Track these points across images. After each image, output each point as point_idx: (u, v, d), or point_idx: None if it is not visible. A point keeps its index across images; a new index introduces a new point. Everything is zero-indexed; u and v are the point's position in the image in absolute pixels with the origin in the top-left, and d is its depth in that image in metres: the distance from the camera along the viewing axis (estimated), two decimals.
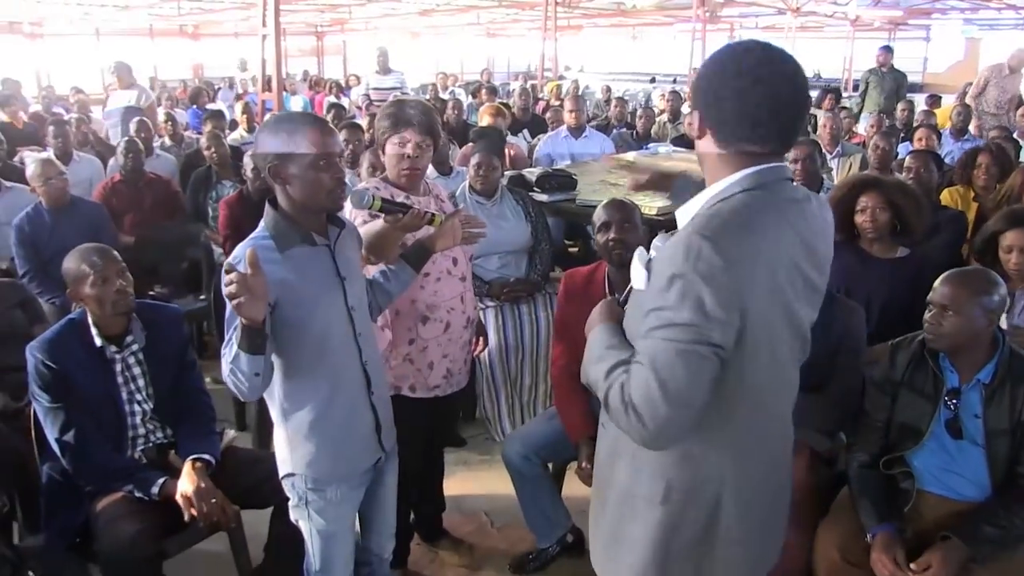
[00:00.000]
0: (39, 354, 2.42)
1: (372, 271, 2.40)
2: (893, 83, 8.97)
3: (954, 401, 2.37)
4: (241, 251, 1.83)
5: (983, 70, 8.63)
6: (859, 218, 3.29)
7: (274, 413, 2.12)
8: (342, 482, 2.15)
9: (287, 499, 2.21)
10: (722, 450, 1.52)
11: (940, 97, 8.55)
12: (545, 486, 2.98)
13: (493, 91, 10.17)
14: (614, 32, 22.65)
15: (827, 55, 20.38)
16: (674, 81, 15.45)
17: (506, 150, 6.03)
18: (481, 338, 3.13)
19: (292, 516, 2.21)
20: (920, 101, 9.51)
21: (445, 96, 10.38)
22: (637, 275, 1.54)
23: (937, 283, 2.38)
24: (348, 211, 2.49)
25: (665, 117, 8.21)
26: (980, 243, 3.29)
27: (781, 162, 1.53)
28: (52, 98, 10.65)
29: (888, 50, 9.43)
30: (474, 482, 3.63)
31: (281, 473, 2.17)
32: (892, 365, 2.48)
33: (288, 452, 2.12)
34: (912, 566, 2.20)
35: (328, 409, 2.07)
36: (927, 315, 2.36)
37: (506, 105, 7.39)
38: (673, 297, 1.38)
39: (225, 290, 1.70)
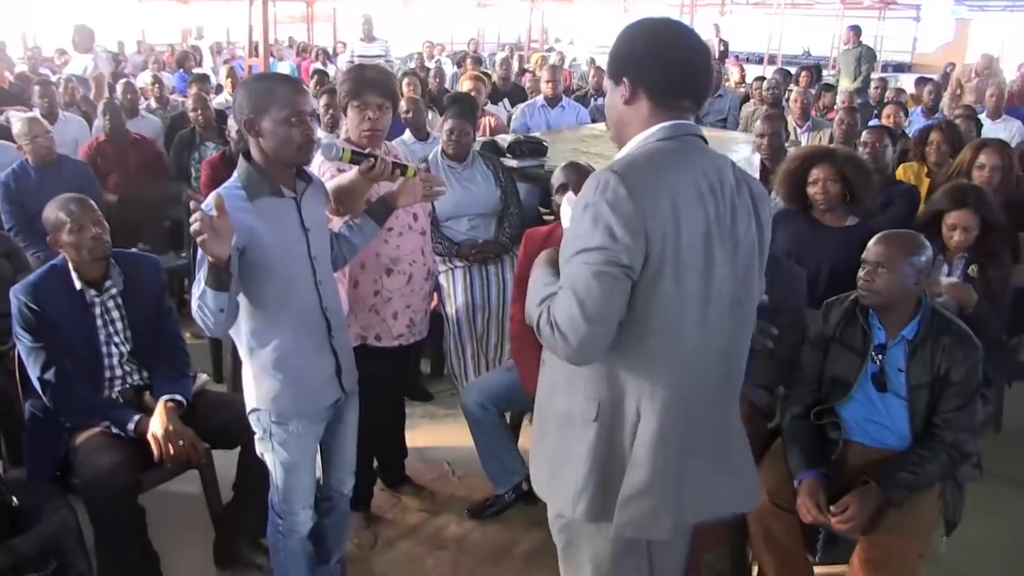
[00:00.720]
0: (22, 296, 2.56)
1: (338, 223, 2.54)
2: (855, 60, 9.16)
3: (880, 356, 2.54)
4: (212, 197, 1.98)
5: (954, 77, 8.89)
6: (811, 189, 3.42)
7: (242, 351, 2.27)
8: (303, 417, 2.30)
9: (253, 437, 2.36)
10: (638, 370, 1.68)
11: (929, 79, 8.68)
12: (501, 434, 3.14)
13: (478, 61, 10.24)
14: (605, 4, 22.61)
15: (818, 33, 20.44)
16: None
17: (486, 119, 6.18)
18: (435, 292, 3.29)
19: (257, 449, 2.36)
20: (906, 81, 9.68)
21: (431, 65, 10.44)
22: (565, 214, 1.73)
23: (871, 243, 2.54)
24: (316, 166, 2.64)
25: None
26: (924, 218, 3.45)
27: (692, 120, 1.73)
28: (38, 59, 10.69)
29: (853, 29, 9.61)
30: (438, 434, 3.80)
31: (248, 408, 2.32)
32: (825, 321, 2.65)
33: (254, 388, 2.27)
34: (832, 508, 2.38)
35: (290, 349, 2.22)
36: (861, 272, 2.51)
37: (487, 74, 7.48)
38: (586, 224, 1.58)
39: (191, 228, 1.85)
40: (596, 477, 1.74)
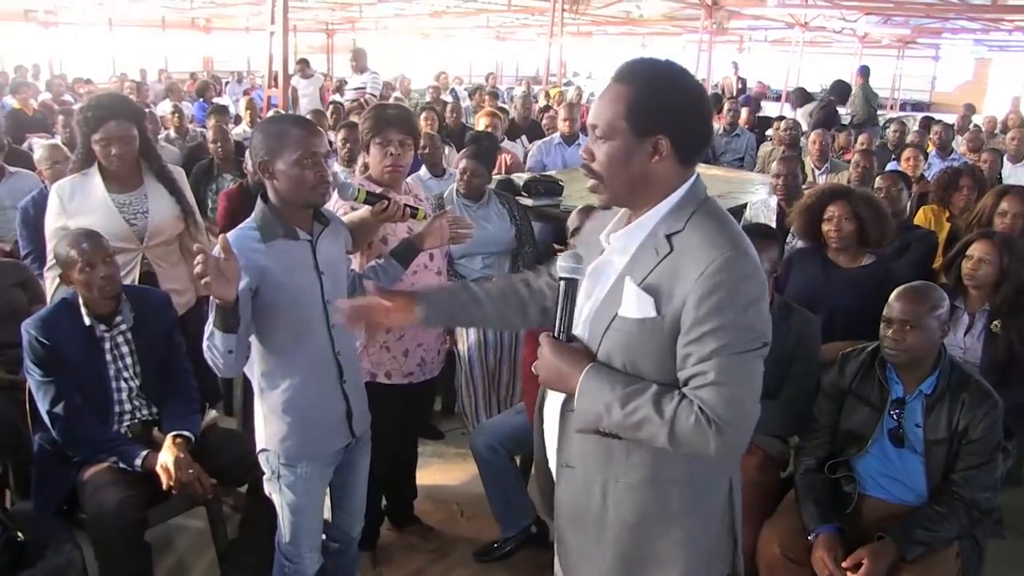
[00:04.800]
0: (33, 331, 2.56)
1: (357, 263, 2.55)
2: (862, 100, 9.28)
3: (898, 411, 2.50)
4: (220, 240, 1.98)
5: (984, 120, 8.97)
6: (826, 226, 3.41)
7: (255, 391, 2.27)
8: (312, 460, 2.28)
9: (262, 476, 2.34)
10: None
11: (933, 119, 8.74)
12: (510, 477, 3.11)
13: (494, 95, 10.31)
14: (624, 40, 22.77)
15: (836, 71, 20.48)
16: None
17: (503, 156, 6.20)
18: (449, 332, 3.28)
19: (265, 489, 2.34)
20: (916, 121, 9.74)
21: (446, 97, 10.53)
22: (634, 303, 1.55)
23: (893, 300, 2.50)
24: (334, 202, 2.65)
25: None
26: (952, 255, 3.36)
27: None
28: (63, 87, 10.82)
29: (861, 70, 9.72)
30: (448, 474, 3.77)
31: (258, 448, 2.30)
32: (841, 373, 2.62)
33: (264, 428, 2.26)
34: (844, 563, 2.33)
35: (300, 392, 2.20)
36: (888, 331, 2.47)
37: (503, 110, 7.52)
38: (750, 317, 1.48)
39: (195, 270, 1.84)
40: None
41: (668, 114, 1.53)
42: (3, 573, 2.36)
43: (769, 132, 8.68)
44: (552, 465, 1.79)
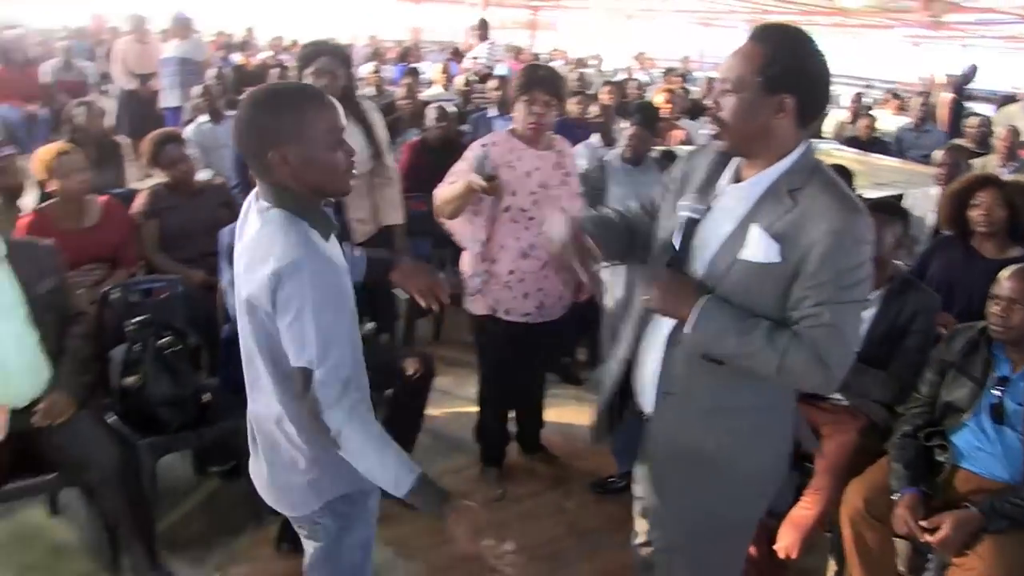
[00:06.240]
0: (229, 236, 3.03)
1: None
2: None
3: (1002, 388, 2.54)
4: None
5: None
6: (973, 212, 3.39)
7: (295, 445, 1.82)
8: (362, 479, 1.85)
9: (404, 384, 2.68)
10: None
11: None
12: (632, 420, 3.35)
13: (683, 77, 10.40)
14: (831, 33, 21.89)
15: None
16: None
17: (675, 132, 6.40)
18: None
19: (325, 551, 1.94)
20: None
21: (641, 77, 10.74)
22: (760, 248, 1.71)
23: (1004, 277, 2.54)
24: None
25: (846, 117, 8.23)
26: None
27: None
28: (279, 48, 11.94)
29: None
30: (581, 415, 3.99)
31: (315, 507, 1.88)
32: (948, 347, 2.68)
33: (320, 477, 1.83)
34: (923, 523, 2.42)
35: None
36: (995, 308, 2.52)
37: (686, 90, 7.66)
38: (863, 272, 1.70)
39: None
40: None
41: (798, 76, 1.69)
42: (190, 423, 2.90)
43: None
44: (648, 396, 1.98)
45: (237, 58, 9.77)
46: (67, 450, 2.67)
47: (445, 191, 3.11)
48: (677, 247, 1.84)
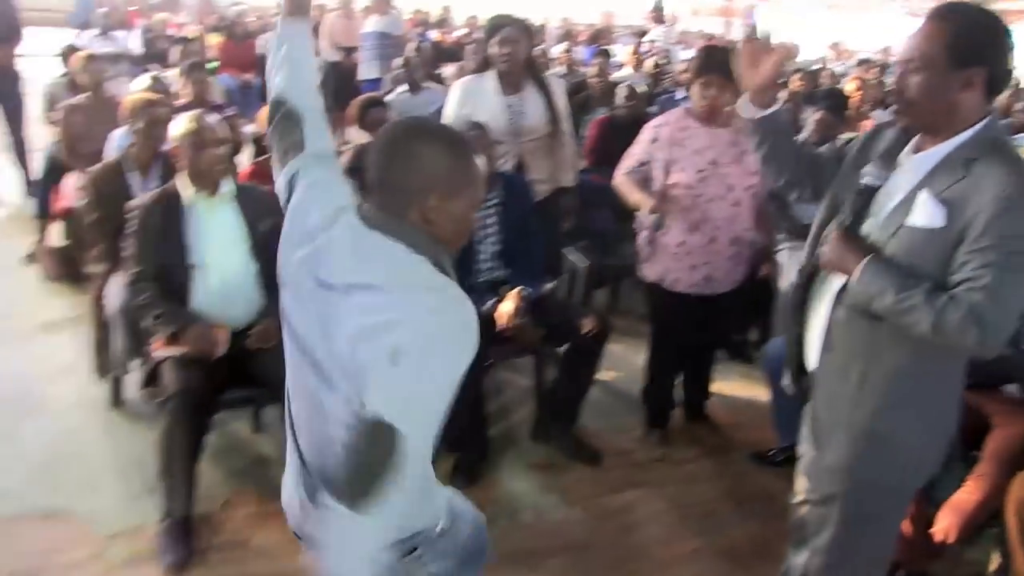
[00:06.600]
0: None
1: None
2: None
3: None
4: None
5: None
6: None
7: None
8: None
9: (579, 339, 2.91)
10: None
11: None
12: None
13: (882, 69, 10.03)
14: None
15: None
16: None
17: (864, 123, 6.28)
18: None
19: None
20: None
21: (836, 68, 10.46)
22: (926, 213, 1.77)
23: None
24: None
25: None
26: None
27: None
28: (475, 26, 12.36)
29: None
30: (748, 390, 4.11)
31: (399, 537, 1.59)
32: None
33: (409, 509, 1.57)
34: None
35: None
36: None
37: (882, 82, 7.47)
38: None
39: None
40: None
41: (984, 49, 1.74)
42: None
43: None
44: (813, 353, 2.08)
45: (434, 35, 10.28)
46: (273, 371, 3.02)
47: (624, 189, 3.32)
48: (852, 212, 1.94)
